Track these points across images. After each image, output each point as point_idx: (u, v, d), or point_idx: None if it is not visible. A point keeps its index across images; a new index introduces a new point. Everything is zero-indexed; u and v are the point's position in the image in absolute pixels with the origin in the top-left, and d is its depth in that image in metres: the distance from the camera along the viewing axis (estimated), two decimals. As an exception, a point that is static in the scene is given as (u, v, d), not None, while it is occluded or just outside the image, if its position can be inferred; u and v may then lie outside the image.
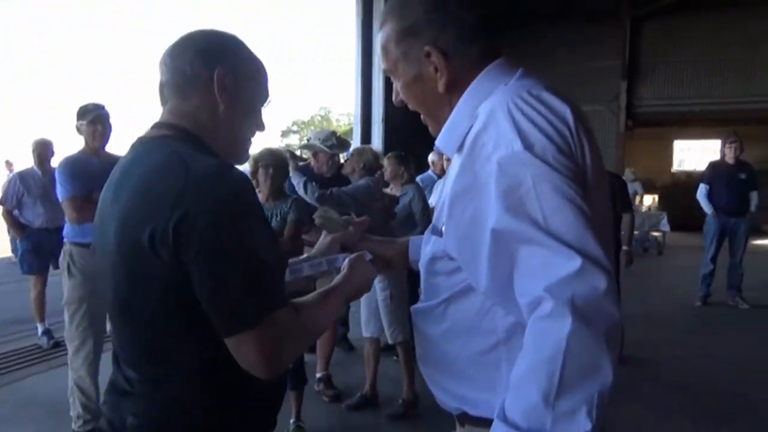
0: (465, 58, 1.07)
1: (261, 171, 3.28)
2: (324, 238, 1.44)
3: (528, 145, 0.90)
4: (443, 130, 1.10)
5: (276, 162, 3.35)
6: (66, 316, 3.21)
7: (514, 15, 10.92)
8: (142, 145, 1.12)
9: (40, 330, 4.94)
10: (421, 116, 1.18)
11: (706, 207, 6.38)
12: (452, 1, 1.06)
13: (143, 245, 0.97)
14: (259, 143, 3.06)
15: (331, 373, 4.04)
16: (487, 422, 0.94)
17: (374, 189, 3.84)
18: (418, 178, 5.09)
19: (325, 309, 1.16)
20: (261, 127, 1.21)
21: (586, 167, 0.95)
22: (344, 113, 41.15)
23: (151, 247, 0.97)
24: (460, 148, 1.05)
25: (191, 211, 0.95)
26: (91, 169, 3.13)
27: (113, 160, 3.18)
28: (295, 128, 47.19)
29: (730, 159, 6.36)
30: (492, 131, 0.95)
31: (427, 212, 4.27)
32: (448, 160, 4.98)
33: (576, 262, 0.83)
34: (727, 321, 5.91)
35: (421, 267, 1.19)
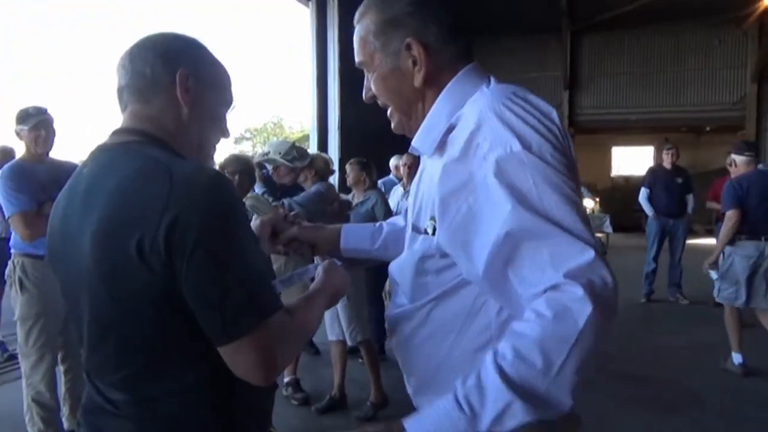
0: (443, 54, 1.08)
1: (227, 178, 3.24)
2: (255, 220, 1.42)
3: (526, 145, 0.92)
4: (420, 130, 1.09)
5: (243, 168, 3.34)
6: (20, 333, 3.03)
7: (469, 27, 11.23)
8: (106, 153, 1.06)
9: None
10: (388, 111, 1.16)
11: (647, 209, 6.77)
12: (436, 3, 1.09)
13: (130, 256, 0.91)
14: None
15: (299, 377, 4.06)
16: None
17: (326, 194, 3.93)
18: (380, 182, 5.16)
19: (313, 313, 1.13)
20: (226, 133, 1.19)
21: (574, 164, 0.99)
22: (297, 120, 40.86)
23: (140, 256, 0.91)
24: (439, 149, 1.06)
25: (182, 216, 0.90)
26: (38, 178, 2.97)
27: (61, 167, 3.14)
28: (248, 135, 46.49)
29: (667, 164, 6.78)
30: (486, 132, 0.95)
31: (390, 216, 4.36)
32: (405, 165, 5.12)
33: (590, 253, 0.86)
34: (670, 316, 6.30)
35: (405, 268, 1.14)
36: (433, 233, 1.05)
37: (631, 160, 18.03)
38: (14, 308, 3.07)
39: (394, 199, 5.00)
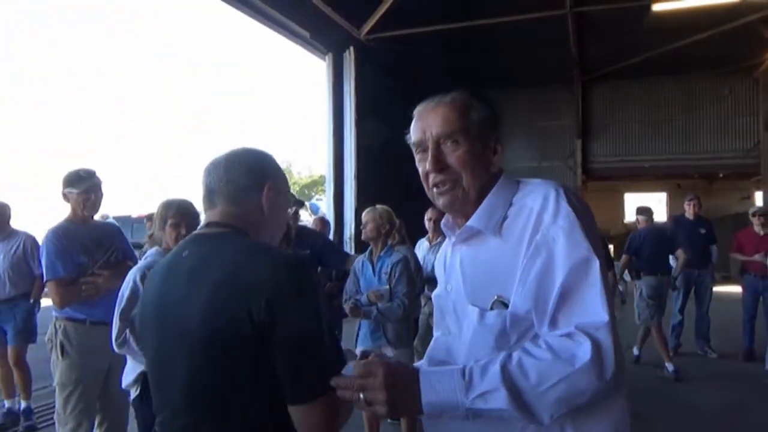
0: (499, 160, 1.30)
1: (170, 226, 2.66)
2: None
3: (582, 220, 1.15)
4: (480, 213, 1.24)
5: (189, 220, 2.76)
6: (59, 399, 2.99)
7: (477, 79, 11.49)
8: (207, 239, 1.29)
9: (7, 406, 4.60)
10: (439, 189, 1.26)
11: (671, 262, 6.69)
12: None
13: (241, 321, 1.09)
14: (186, 170, 2.95)
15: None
16: None
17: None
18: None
19: None
20: (283, 227, 1.47)
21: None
22: (305, 166, 41.33)
23: (250, 320, 1.09)
24: (497, 231, 1.21)
25: (283, 288, 1.11)
26: (81, 240, 3.00)
27: (104, 229, 3.14)
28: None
29: (690, 215, 6.75)
30: (550, 209, 1.16)
31: (419, 272, 4.33)
32: (431, 219, 5.13)
33: (606, 316, 1.09)
34: (701, 370, 6.13)
35: (479, 347, 1.18)
36: (506, 307, 1.16)
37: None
38: (53, 373, 3.02)
39: (420, 253, 4.97)
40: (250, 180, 1.31)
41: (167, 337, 1.21)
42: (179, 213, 2.62)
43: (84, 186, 3.03)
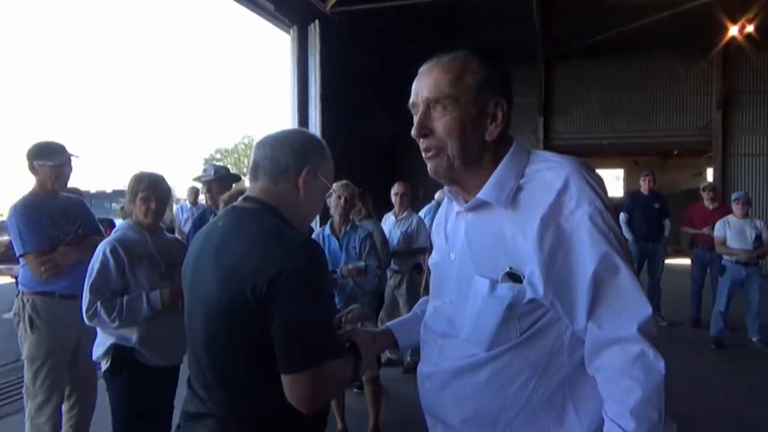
0: (507, 123, 1.24)
1: (140, 200, 2.65)
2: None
3: (604, 201, 1.14)
4: (490, 186, 1.20)
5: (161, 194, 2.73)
6: (27, 373, 2.98)
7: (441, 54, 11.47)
8: (238, 213, 1.39)
9: None
10: (427, 153, 1.23)
11: (627, 233, 6.98)
12: (510, 84, 1.26)
13: (245, 295, 1.21)
14: (185, 170, 2.96)
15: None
16: None
17: None
18: (425, 210, 5.83)
19: (345, 372, 1.32)
20: (319, 209, 1.51)
21: None
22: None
23: (253, 298, 1.21)
24: (511, 203, 1.18)
25: (285, 271, 1.20)
26: (50, 214, 2.96)
27: (70, 201, 3.12)
28: (218, 156, 46.15)
29: (645, 190, 7.02)
30: (573, 192, 1.13)
31: (386, 246, 4.42)
32: (398, 194, 5.22)
33: (649, 308, 1.11)
34: (651, 338, 6.44)
35: (485, 316, 1.19)
36: (519, 281, 1.15)
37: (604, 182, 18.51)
38: (21, 348, 2.99)
39: (385, 227, 5.07)
40: (290, 160, 1.39)
41: (195, 296, 1.36)
42: (149, 187, 2.63)
43: (60, 159, 3.00)
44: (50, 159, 2.99)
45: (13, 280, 7.67)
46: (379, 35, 11.10)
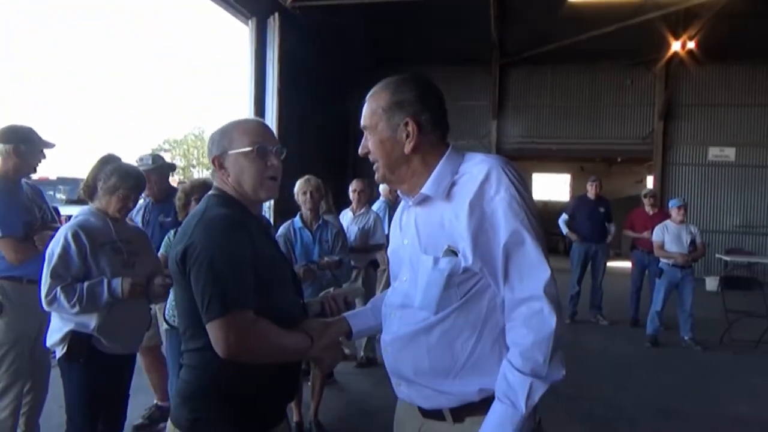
0: (429, 135, 1.49)
1: (119, 196, 2.68)
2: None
3: (519, 190, 1.39)
4: (431, 182, 1.47)
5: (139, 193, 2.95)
6: None
7: (398, 56, 11.64)
8: (204, 199, 1.64)
9: None
10: (374, 165, 1.54)
11: (564, 231, 7.41)
12: (432, 96, 1.51)
13: (176, 262, 1.49)
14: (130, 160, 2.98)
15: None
16: (488, 403, 1.40)
17: None
18: (375, 207, 5.78)
19: (282, 338, 1.50)
20: (260, 177, 1.60)
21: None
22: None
23: (178, 263, 1.48)
24: (446, 195, 1.44)
25: (194, 242, 1.45)
26: (23, 200, 2.90)
27: (35, 187, 3.05)
28: (167, 146, 44.90)
29: (591, 195, 7.34)
30: (493, 182, 1.39)
31: (345, 242, 4.49)
32: (356, 191, 5.30)
33: (548, 271, 1.37)
34: (594, 335, 6.77)
35: (431, 285, 1.43)
36: (455, 255, 1.40)
37: (550, 187, 19.12)
38: None
39: (344, 222, 5.12)
40: (209, 152, 1.63)
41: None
42: (135, 187, 2.65)
43: (42, 145, 2.98)
44: (27, 143, 2.94)
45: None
46: (337, 33, 11.11)
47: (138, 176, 2.69)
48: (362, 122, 1.53)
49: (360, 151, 1.55)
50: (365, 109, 1.53)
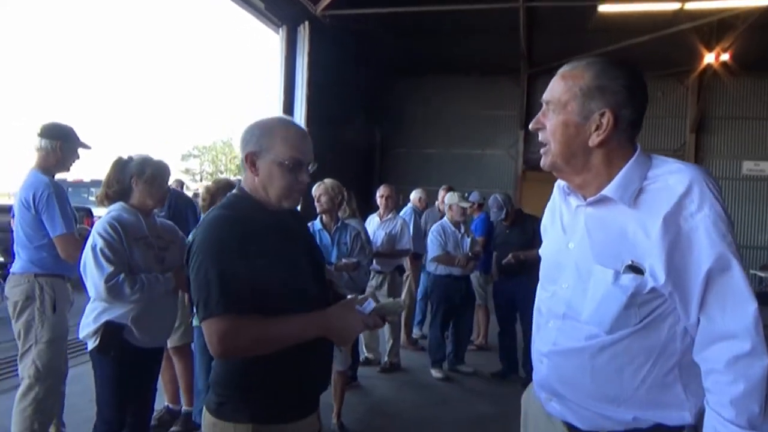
0: (623, 133, 1.32)
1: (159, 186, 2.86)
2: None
3: (723, 207, 1.24)
4: (616, 185, 1.30)
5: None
6: (46, 355, 2.94)
7: (427, 65, 11.69)
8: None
9: None
10: (542, 148, 1.38)
11: None
12: (640, 93, 1.33)
13: (185, 260, 1.56)
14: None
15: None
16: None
17: None
18: (402, 212, 5.81)
19: (281, 328, 1.49)
20: (288, 186, 1.59)
21: None
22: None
23: (186, 261, 1.55)
24: (633, 202, 1.29)
25: (192, 241, 1.53)
26: (67, 197, 2.99)
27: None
28: (196, 152, 45.65)
29: None
30: (695, 197, 1.22)
31: (369, 246, 4.51)
32: (383, 196, 5.33)
33: (755, 304, 1.21)
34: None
35: (609, 302, 1.29)
36: (640, 273, 1.25)
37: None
38: (38, 332, 2.93)
39: (370, 227, 5.15)
40: (240, 150, 1.63)
41: None
42: (168, 176, 2.80)
43: (79, 145, 3.07)
44: (69, 141, 3.02)
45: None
46: (366, 41, 11.20)
47: (167, 166, 2.76)
48: (546, 95, 1.36)
49: (531, 125, 1.39)
50: (556, 83, 1.35)
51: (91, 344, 2.55)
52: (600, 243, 1.33)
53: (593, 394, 1.35)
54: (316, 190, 4.00)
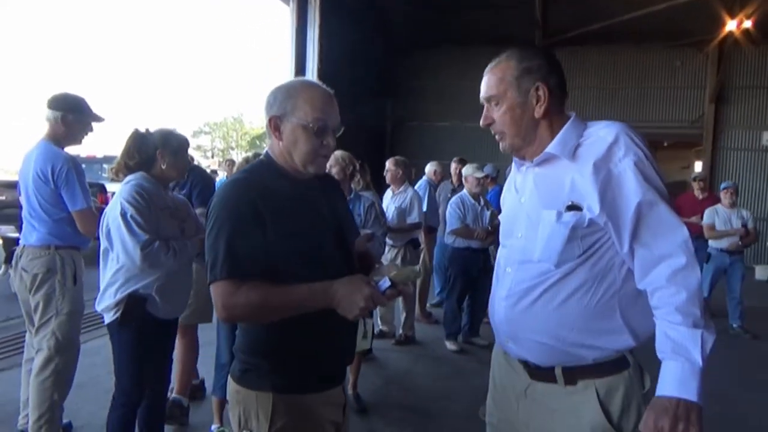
0: (555, 99, 1.53)
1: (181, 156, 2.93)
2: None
3: (646, 154, 1.43)
4: (555, 142, 1.51)
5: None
6: (66, 326, 2.94)
7: (440, 37, 11.49)
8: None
9: None
10: (496, 134, 1.59)
11: None
12: (555, 63, 1.56)
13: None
14: None
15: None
16: (601, 367, 1.47)
17: None
18: (417, 185, 5.86)
19: (282, 295, 1.45)
20: (312, 149, 1.56)
21: None
22: (258, 116, 40.55)
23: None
24: (571, 155, 1.48)
25: (210, 203, 1.54)
26: (83, 171, 2.97)
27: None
28: (207, 129, 45.74)
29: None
30: (621, 145, 1.43)
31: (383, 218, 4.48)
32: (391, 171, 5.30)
33: (684, 228, 1.41)
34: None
35: (554, 238, 1.46)
36: (577, 210, 1.44)
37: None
38: (58, 304, 2.94)
39: (384, 202, 5.13)
40: (265, 114, 1.59)
41: None
42: (188, 147, 2.82)
43: (91, 118, 3.03)
44: (88, 115, 2.99)
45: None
46: (378, 13, 11.02)
47: (187, 139, 2.79)
48: (484, 94, 1.57)
49: (482, 122, 1.60)
50: (488, 81, 1.56)
51: (111, 317, 2.55)
52: (546, 192, 1.53)
53: (544, 327, 1.51)
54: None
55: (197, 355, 3.72)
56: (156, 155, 2.62)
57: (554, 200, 1.48)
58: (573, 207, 1.44)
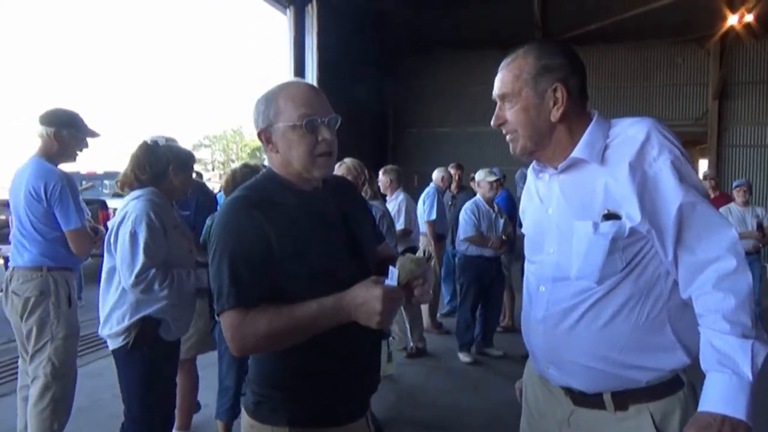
0: (576, 101, 1.40)
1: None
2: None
3: (682, 151, 1.32)
4: (581, 145, 1.38)
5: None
6: (64, 351, 2.82)
7: (437, 39, 11.41)
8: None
9: None
10: (508, 137, 1.45)
11: None
12: (577, 62, 1.42)
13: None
14: None
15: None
16: (655, 389, 1.34)
17: None
18: (425, 192, 5.89)
19: (288, 317, 1.31)
20: (309, 154, 1.42)
21: None
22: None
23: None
24: (599, 158, 1.36)
25: (211, 227, 1.49)
26: (77, 189, 2.87)
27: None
28: (206, 142, 45.80)
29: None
30: (654, 143, 1.31)
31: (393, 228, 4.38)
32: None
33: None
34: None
35: (593, 252, 1.33)
36: (615, 218, 1.31)
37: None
38: (53, 328, 2.81)
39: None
40: (256, 126, 1.48)
41: None
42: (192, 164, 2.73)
43: (86, 133, 2.92)
44: (82, 131, 2.89)
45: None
46: (376, 17, 10.95)
47: (191, 152, 2.71)
48: (498, 91, 1.43)
49: (493, 122, 1.47)
50: (503, 77, 1.42)
51: (119, 343, 2.39)
52: (576, 201, 1.39)
53: (591, 350, 1.37)
54: (338, 170, 3.82)
55: (197, 388, 3.52)
56: (168, 170, 2.50)
57: (587, 210, 1.35)
58: (610, 215, 1.31)
